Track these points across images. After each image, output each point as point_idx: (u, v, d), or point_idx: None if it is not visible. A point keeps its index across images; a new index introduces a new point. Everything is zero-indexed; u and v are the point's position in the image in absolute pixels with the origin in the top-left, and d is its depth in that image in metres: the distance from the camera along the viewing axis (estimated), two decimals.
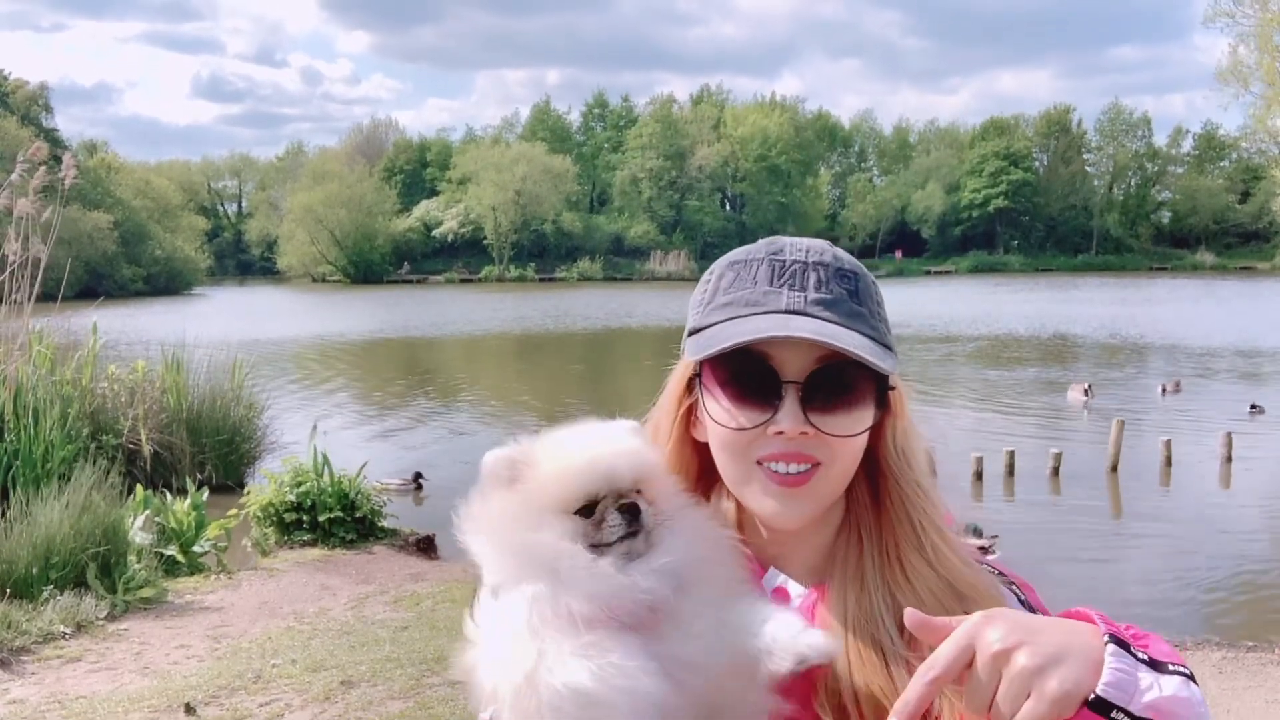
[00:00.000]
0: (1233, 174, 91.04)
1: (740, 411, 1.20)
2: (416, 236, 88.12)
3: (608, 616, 1.13)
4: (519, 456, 1.21)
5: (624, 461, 1.20)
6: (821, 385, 1.19)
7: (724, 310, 1.23)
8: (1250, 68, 43.97)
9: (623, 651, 1.11)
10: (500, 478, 1.20)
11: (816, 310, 1.19)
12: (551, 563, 1.14)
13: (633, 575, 1.15)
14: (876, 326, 1.23)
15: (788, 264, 1.23)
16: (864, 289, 1.24)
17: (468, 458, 14.96)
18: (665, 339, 35.06)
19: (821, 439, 1.19)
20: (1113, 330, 33.82)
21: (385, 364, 29.06)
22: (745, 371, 1.20)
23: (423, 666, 5.82)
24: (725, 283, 1.27)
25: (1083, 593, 8.79)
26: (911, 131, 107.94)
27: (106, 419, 10.83)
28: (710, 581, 1.20)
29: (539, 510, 1.17)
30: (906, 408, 1.28)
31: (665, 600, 1.15)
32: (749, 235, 25.14)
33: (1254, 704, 6.14)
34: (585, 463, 1.18)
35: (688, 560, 1.19)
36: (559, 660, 1.11)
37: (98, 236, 58.23)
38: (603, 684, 1.09)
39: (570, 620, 1.13)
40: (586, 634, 1.12)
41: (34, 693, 5.59)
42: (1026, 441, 14.53)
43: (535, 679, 1.11)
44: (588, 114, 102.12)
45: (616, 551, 1.16)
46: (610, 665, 1.10)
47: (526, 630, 1.13)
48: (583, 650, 1.11)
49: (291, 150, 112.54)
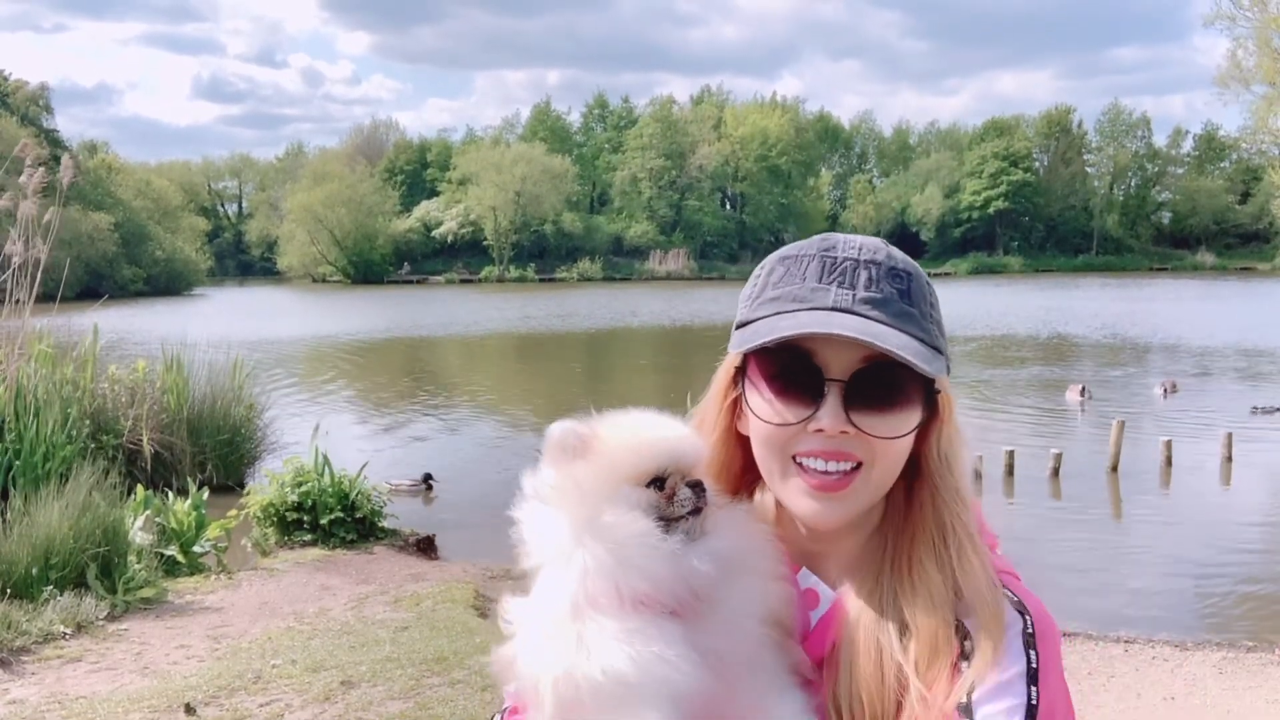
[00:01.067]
0: (1233, 174, 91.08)
1: (782, 407, 1.20)
2: (417, 237, 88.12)
3: (657, 599, 1.14)
4: (586, 429, 1.22)
5: (688, 444, 1.23)
6: (865, 385, 1.17)
7: (771, 305, 1.22)
8: (1250, 69, 43.99)
9: (666, 640, 1.11)
10: (567, 448, 1.20)
11: (864, 309, 1.18)
12: (620, 534, 1.15)
13: (692, 557, 1.16)
14: (927, 328, 1.21)
15: (839, 261, 1.22)
16: (916, 289, 1.22)
17: (468, 458, 14.97)
18: (665, 338, 35.06)
19: (863, 439, 1.18)
20: (1112, 330, 33.82)
21: (386, 364, 29.07)
22: (789, 367, 1.19)
23: (423, 666, 5.81)
24: (775, 277, 1.25)
25: (1083, 593, 8.80)
26: (911, 133, 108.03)
27: (107, 419, 10.84)
28: (755, 574, 1.21)
29: (614, 481, 1.18)
30: (955, 412, 1.26)
31: (712, 586, 1.16)
32: (749, 235, 25.48)
33: (1254, 704, 6.14)
34: (658, 437, 1.21)
35: (737, 549, 1.20)
36: (600, 643, 1.11)
37: (98, 237, 58.23)
38: (643, 673, 1.09)
39: (619, 599, 1.13)
40: (633, 616, 1.12)
41: (34, 693, 5.59)
42: (1026, 442, 14.53)
43: (575, 665, 1.11)
44: (588, 114, 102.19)
45: (682, 528, 1.17)
46: (652, 654, 1.10)
47: (569, 609, 1.13)
48: (626, 635, 1.11)
49: (292, 151, 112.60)
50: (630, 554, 1.14)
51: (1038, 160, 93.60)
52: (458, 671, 5.69)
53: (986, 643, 1.16)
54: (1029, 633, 1.18)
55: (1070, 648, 7.05)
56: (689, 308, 47.14)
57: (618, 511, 1.16)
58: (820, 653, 1.23)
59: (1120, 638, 7.46)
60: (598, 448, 1.20)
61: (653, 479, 1.19)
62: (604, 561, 1.14)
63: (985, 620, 1.17)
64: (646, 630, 1.12)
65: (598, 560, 1.14)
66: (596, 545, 1.15)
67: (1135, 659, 6.96)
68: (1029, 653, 1.16)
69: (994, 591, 1.19)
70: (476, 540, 10.22)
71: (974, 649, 1.16)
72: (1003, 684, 1.14)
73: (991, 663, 1.15)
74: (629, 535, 1.14)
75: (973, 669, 1.15)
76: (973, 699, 1.14)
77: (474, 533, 10.64)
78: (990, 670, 1.14)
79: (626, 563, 1.13)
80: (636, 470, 1.18)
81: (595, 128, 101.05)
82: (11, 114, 64.13)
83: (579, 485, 1.18)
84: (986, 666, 1.15)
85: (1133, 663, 6.88)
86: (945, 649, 1.17)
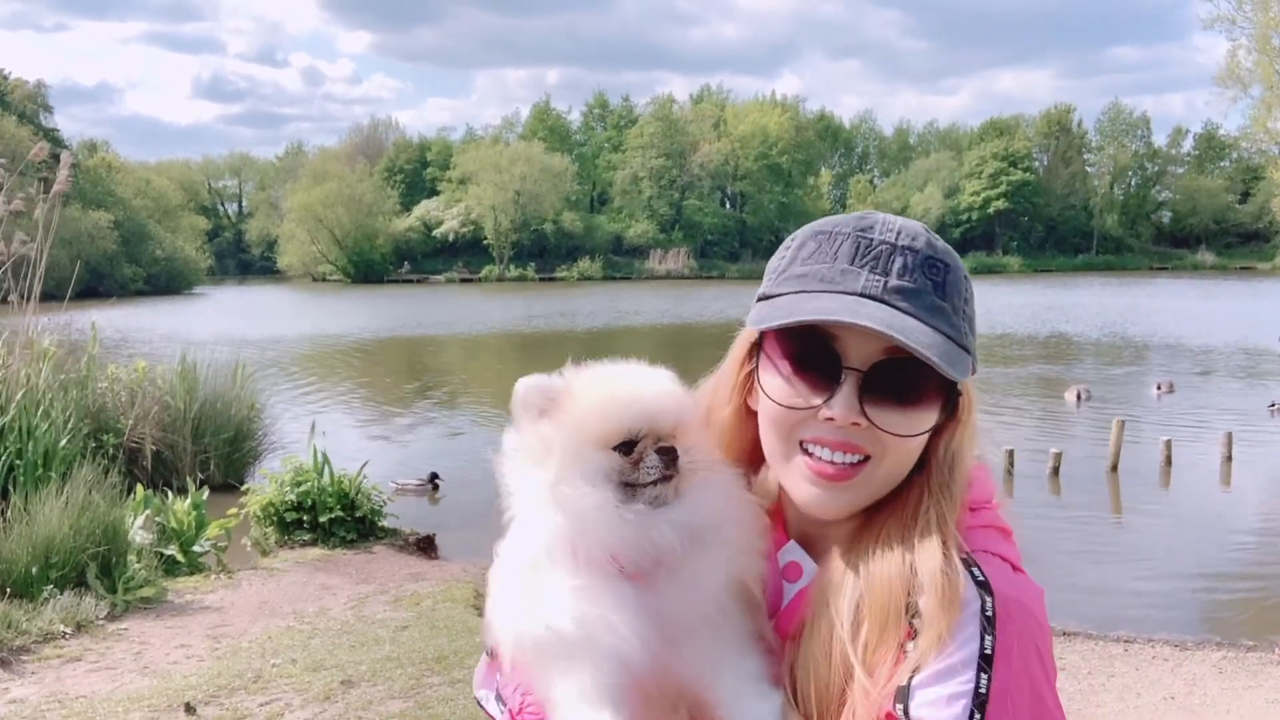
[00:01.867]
0: (1233, 174, 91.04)
1: (796, 389, 1.14)
2: (417, 236, 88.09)
3: (614, 562, 1.11)
4: (556, 385, 1.17)
5: (667, 403, 1.17)
6: (884, 378, 1.11)
7: (797, 282, 1.17)
8: (1249, 70, 43.99)
9: (615, 603, 1.09)
10: (532, 406, 1.16)
11: (894, 299, 1.12)
12: (577, 505, 1.11)
13: (655, 525, 1.12)
14: (958, 325, 1.14)
15: (874, 244, 1.15)
16: (952, 282, 1.16)
17: (468, 457, 14.95)
18: (666, 337, 35.04)
19: (874, 433, 1.12)
20: (1112, 330, 33.81)
21: (386, 363, 29.06)
22: (807, 349, 1.14)
23: (423, 666, 5.81)
24: (805, 253, 1.19)
25: (1083, 593, 8.79)
26: (911, 133, 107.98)
27: (107, 418, 10.83)
28: (724, 545, 1.17)
29: (579, 443, 1.13)
30: (974, 414, 1.20)
31: (674, 555, 1.13)
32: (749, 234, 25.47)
33: (1254, 704, 6.14)
34: (630, 397, 1.15)
35: (709, 519, 1.16)
36: (549, 599, 1.09)
37: (98, 236, 58.20)
38: (585, 632, 1.08)
39: (574, 558, 1.11)
40: (585, 574, 1.10)
41: (34, 692, 5.58)
42: (1026, 441, 14.52)
43: (524, 619, 1.10)
44: (588, 114, 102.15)
45: (647, 495, 1.13)
46: (597, 615, 1.08)
47: (528, 564, 1.12)
48: (574, 594, 1.09)
49: (291, 150, 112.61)
50: (586, 523, 1.11)
51: (1037, 160, 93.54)
52: (458, 670, 5.69)
53: (935, 622, 1.06)
54: (987, 615, 1.07)
55: (1070, 647, 7.05)
56: (689, 307, 47.13)
57: (576, 480, 1.12)
58: (790, 627, 1.19)
59: (1120, 637, 7.46)
60: (567, 405, 1.15)
61: (621, 442, 1.14)
62: (561, 526, 1.11)
63: (934, 598, 1.07)
64: (595, 591, 1.09)
65: (555, 524, 1.12)
66: (555, 510, 1.12)
67: (1135, 658, 6.96)
68: (984, 636, 1.06)
69: (949, 568, 1.09)
70: (476, 539, 10.21)
71: (921, 629, 1.08)
72: (948, 668, 1.05)
73: (937, 644, 1.06)
74: (586, 507, 1.11)
75: (917, 650, 1.07)
76: (912, 683, 1.06)
77: (474, 532, 10.63)
78: (934, 652, 1.06)
79: (582, 531, 1.11)
80: (603, 433, 1.13)
81: (595, 127, 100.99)
82: (10, 112, 64.10)
83: (545, 446, 1.14)
84: (930, 648, 1.06)
85: (1132, 662, 6.88)
86: (894, 629, 1.09)
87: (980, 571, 1.12)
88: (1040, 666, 1.10)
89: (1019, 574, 1.16)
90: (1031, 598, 1.13)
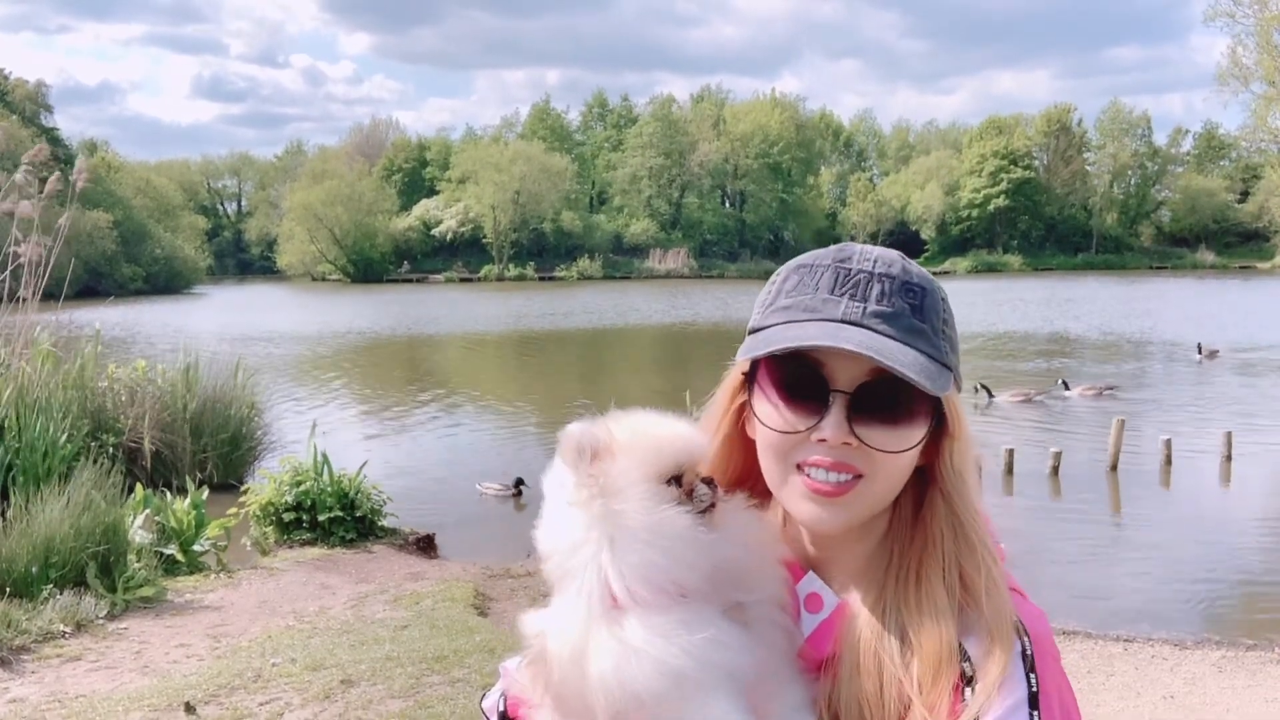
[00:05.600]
0: (1232, 173, 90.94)
1: (788, 415, 1.21)
2: (416, 235, 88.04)
3: (696, 588, 1.15)
4: (604, 429, 1.22)
5: (698, 440, 1.25)
6: (870, 398, 1.18)
7: (782, 313, 1.23)
8: (1250, 67, 44.00)
9: (705, 622, 1.13)
10: (584, 450, 1.20)
11: (873, 323, 1.18)
12: (665, 529, 1.16)
13: (727, 545, 1.18)
14: (937, 344, 1.20)
15: (853, 273, 1.22)
16: (930, 305, 1.22)
17: (468, 456, 14.96)
18: (666, 337, 35.06)
19: (865, 451, 1.18)
20: (1111, 329, 33.80)
21: (385, 362, 29.06)
22: (796, 376, 1.20)
23: (422, 666, 5.81)
24: (789, 286, 1.26)
25: (1082, 593, 8.80)
26: (911, 132, 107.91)
27: (107, 418, 10.83)
28: (767, 561, 1.23)
29: (638, 479, 1.19)
30: (965, 425, 1.26)
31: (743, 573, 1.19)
32: (749, 233, 25.45)
33: (1254, 703, 6.14)
34: (675, 435, 1.23)
35: (744, 545, 1.22)
36: (647, 641, 1.11)
37: (97, 235, 58.23)
38: (700, 661, 1.10)
39: (658, 592, 1.14)
40: (675, 608, 1.13)
41: (34, 692, 5.59)
42: (1026, 441, 14.53)
43: (623, 668, 1.10)
44: (587, 113, 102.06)
45: (701, 523, 1.19)
46: (706, 640, 1.11)
47: (602, 611, 1.13)
48: (673, 627, 1.12)
49: (291, 149, 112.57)
50: (672, 546, 1.15)
51: (1037, 159, 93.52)
52: (458, 670, 5.70)
53: (994, 668, 1.14)
54: (1028, 655, 1.16)
55: (1070, 646, 7.05)
56: (690, 306, 47.13)
57: (652, 507, 1.17)
58: (818, 656, 1.23)
59: (1119, 636, 7.46)
60: (616, 448, 1.20)
61: (671, 476, 1.20)
62: (644, 556, 1.14)
63: (994, 644, 1.15)
64: (691, 618, 1.13)
65: (637, 556, 1.14)
66: (633, 542, 1.15)
67: (1134, 657, 6.96)
68: (1029, 676, 1.15)
69: (1006, 613, 1.18)
70: (476, 539, 10.23)
71: (975, 673, 1.15)
72: (1007, 711, 1.13)
73: (997, 689, 1.13)
74: (673, 529, 1.16)
75: (978, 695, 1.14)
76: None
77: (474, 531, 10.65)
78: (995, 697, 1.13)
79: (670, 555, 1.15)
80: (659, 468, 1.19)
81: (595, 126, 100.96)
82: (11, 112, 64.09)
83: (603, 486, 1.18)
84: (991, 693, 1.13)
85: (1132, 661, 6.88)
86: (948, 670, 1.15)
87: (1014, 612, 1.20)
88: (1068, 695, 1.19)
89: (1027, 603, 1.23)
90: (1047, 629, 1.21)
